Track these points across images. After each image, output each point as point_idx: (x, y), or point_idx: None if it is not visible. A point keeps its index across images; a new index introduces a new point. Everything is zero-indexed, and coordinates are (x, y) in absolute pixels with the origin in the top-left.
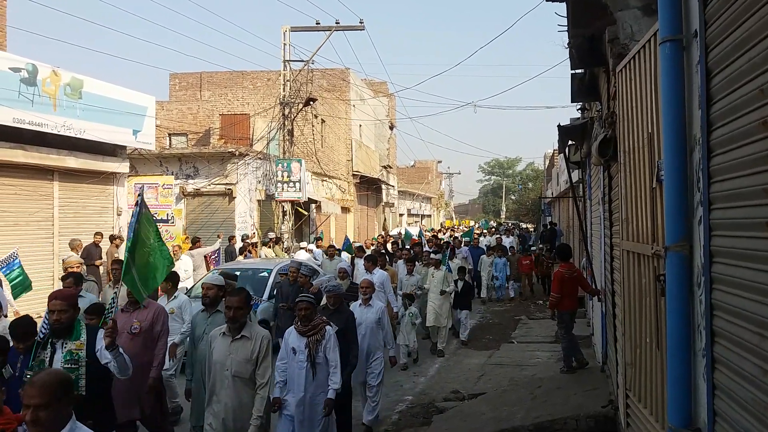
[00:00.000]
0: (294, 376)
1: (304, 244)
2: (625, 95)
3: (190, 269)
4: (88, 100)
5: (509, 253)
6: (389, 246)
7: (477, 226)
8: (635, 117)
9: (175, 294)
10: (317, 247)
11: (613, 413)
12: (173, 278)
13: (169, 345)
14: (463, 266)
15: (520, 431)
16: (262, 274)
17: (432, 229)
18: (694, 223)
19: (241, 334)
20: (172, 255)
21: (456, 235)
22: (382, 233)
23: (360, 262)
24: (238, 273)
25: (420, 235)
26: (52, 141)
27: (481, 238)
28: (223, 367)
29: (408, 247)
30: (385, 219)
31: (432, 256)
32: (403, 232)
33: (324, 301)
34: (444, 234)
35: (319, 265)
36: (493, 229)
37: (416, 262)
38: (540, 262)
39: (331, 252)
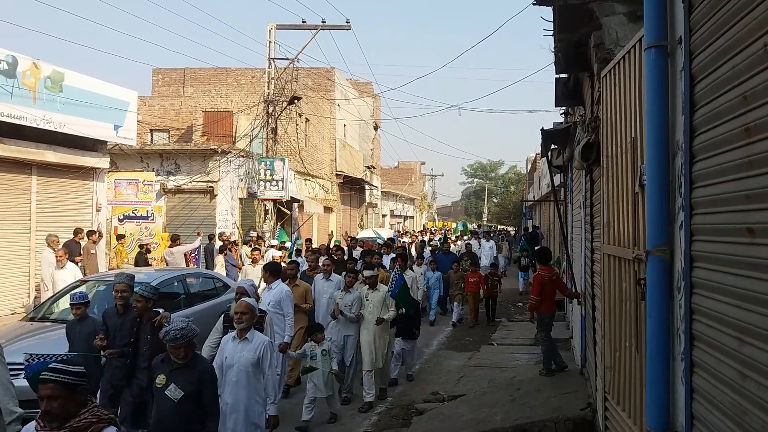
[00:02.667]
0: None
1: (275, 242)
2: (609, 100)
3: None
4: (69, 94)
5: (481, 262)
6: (353, 251)
7: (446, 229)
8: (619, 122)
9: None
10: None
11: (591, 416)
12: None
13: None
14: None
15: None
16: (136, 289)
17: (406, 231)
18: (675, 227)
19: None
20: (57, 261)
21: (422, 238)
22: (348, 235)
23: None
24: (98, 288)
25: (391, 239)
26: (31, 134)
27: (461, 243)
28: None
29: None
30: (361, 218)
31: (365, 273)
32: (372, 234)
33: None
34: (423, 235)
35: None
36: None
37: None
38: (486, 279)
39: (256, 256)
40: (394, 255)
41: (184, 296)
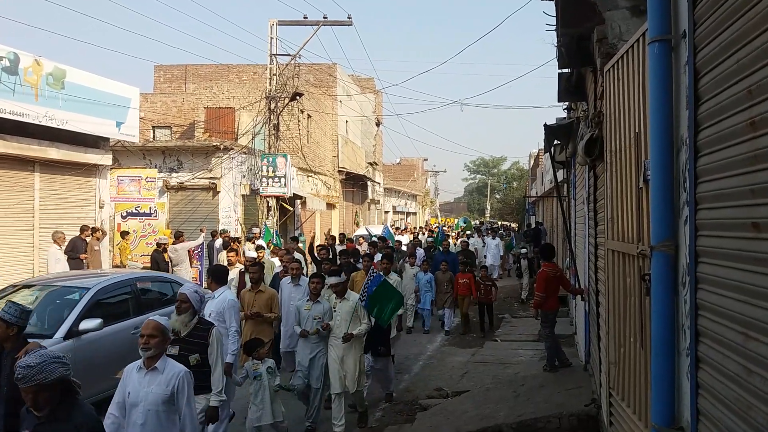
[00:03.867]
0: None
1: (261, 241)
2: (612, 95)
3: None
4: (71, 91)
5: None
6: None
7: (445, 226)
8: (622, 117)
9: None
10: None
11: (595, 412)
12: None
13: None
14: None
15: (503, 429)
16: (70, 296)
17: (404, 228)
18: (680, 223)
19: None
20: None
21: (417, 235)
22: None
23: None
24: (36, 296)
25: (386, 235)
26: (34, 131)
27: (470, 240)
28: None
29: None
30: (356, 214)
31: (330, 279)
32: (364, 231)
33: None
34: (422, 232)
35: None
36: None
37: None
38: (478, 285)
39: (231, 258)
40: (381, 255)
41: (132, 304)
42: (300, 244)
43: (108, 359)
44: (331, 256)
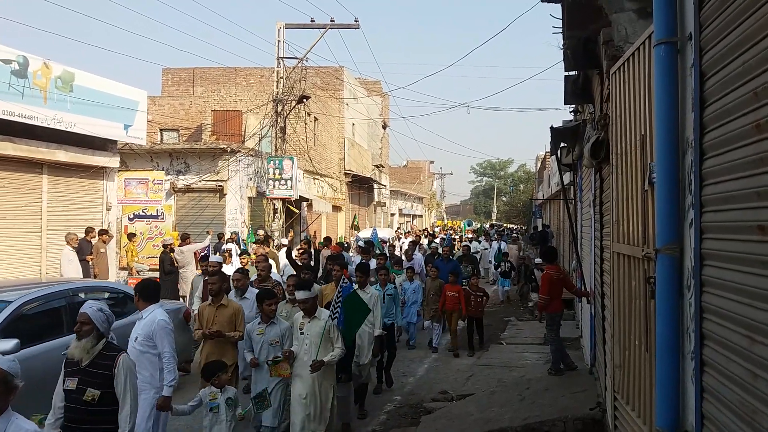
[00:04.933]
0: None
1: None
2: (618, 97)
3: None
4: (79, 94)
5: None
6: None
7: (444, 227)
8: (628, 119)
9: None
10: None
11: (601, 415)
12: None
13: None
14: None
15: None
16: None
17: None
18: (685, 225)
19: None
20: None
21: (413, 239)
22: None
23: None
24: None
25: (374, 240)
26: (42, 134)
27: (474, 244)
28: None
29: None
30: (354, 217)
31: (296, 294)
32: (366, 235)
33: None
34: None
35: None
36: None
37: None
38: (468, 297)
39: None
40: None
41: (67, 320)
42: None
43: (29, 386)
44: (313, 263)
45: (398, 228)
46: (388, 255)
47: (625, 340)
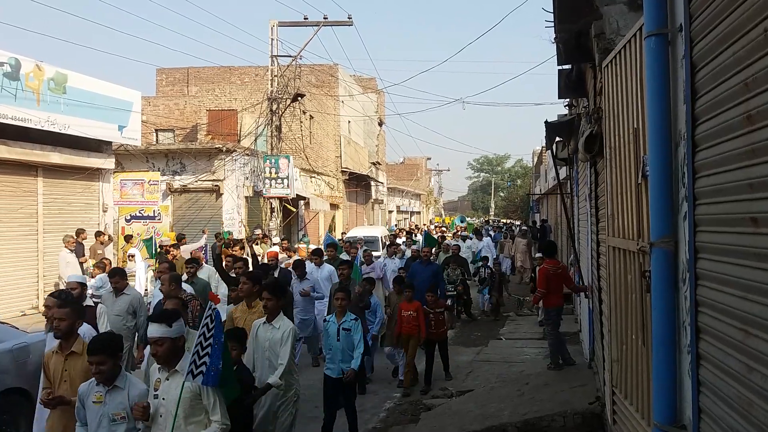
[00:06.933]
0: None
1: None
2: (610, 90)
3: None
4: (73, 95)
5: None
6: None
7: (442, 226)
8: (621, 112)
9: None
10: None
11: (600, 410)
12: None
13: None
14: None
15: (507, 428)
16: None
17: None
18: (679, 218)
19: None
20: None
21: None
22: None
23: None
24: None
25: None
26: (36, 136)
27: (462, 243)
28: None
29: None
30: (333, 218)
31: (151, 329)
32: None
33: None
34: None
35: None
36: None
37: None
38: (427, 316)
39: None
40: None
41: None
42: (303, 245)
43: None
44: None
45: (396, 224)
46: (360, 262)
47: (622, 335)
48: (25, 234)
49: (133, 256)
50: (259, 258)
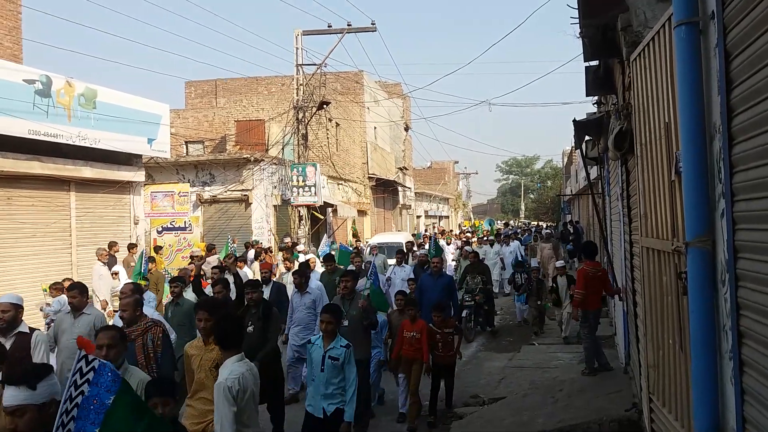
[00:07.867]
0: None
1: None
2: (640, 85)
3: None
4: (103, 110)
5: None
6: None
7: (462, 230)
8: (651, 107)
9: None
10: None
11: (637, 417)
12: None
13: None
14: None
15: None
16: None
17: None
18: (716, 216)
19: None
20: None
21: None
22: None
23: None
24: None
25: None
26: (68, 152)
27: (489, 249)
28: None
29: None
30: (354, 222)
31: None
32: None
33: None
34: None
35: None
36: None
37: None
38: (432, 337)
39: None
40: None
41: None
42: (311, 256)
43: None
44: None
45: (425, 230)
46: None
47: (659, 339)
48: (59, 248)
49: (117, 273)
50: (276, 274)
